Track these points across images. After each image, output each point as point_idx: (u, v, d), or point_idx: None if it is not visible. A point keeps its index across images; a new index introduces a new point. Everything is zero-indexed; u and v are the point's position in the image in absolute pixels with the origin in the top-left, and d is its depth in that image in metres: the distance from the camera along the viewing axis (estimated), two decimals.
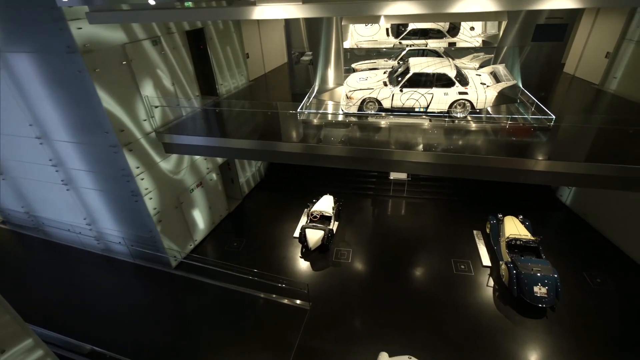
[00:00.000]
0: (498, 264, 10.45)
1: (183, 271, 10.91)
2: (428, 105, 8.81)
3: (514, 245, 10.17)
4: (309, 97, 10.27)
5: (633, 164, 6.83)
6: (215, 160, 12.41)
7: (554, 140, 8.17)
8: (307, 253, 11.50)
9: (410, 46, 12.24)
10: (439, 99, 8.70)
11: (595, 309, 9.20)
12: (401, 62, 10.73)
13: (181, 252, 11.22)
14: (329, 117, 9.80)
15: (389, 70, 10.15)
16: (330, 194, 13.10)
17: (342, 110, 9.54)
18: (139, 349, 8.58)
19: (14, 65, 8.14)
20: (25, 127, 9.31)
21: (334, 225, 12.13)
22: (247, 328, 9.04)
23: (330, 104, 10.48)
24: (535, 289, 8.83)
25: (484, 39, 12.65)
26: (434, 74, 8.66)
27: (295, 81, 12.65)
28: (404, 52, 11.62)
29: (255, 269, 9.90)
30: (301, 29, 11.62)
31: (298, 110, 9.39)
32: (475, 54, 11.63)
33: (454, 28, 13.09)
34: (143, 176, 9.34)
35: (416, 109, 8.92)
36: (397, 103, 8.91)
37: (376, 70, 10.48)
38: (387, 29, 13.53)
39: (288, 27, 11.89)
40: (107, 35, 7.77)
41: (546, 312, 9.07)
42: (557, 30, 9.87)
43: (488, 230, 11.87)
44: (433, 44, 12.70)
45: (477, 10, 5.29)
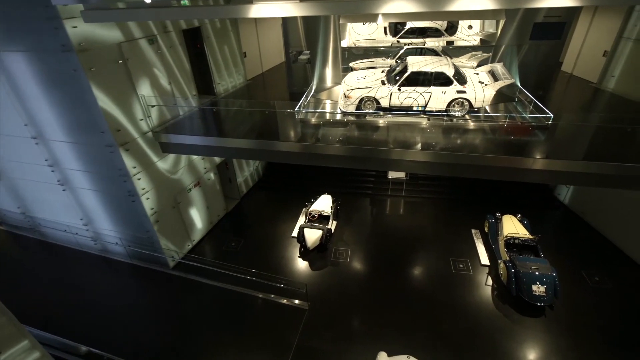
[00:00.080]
0: (497, 262, 10.45)
1: (181, 271, 10.85)
2: (426, 104, 8.80)
3: (513, 244, 10.18)
4: (307, 96, 10.23)
5: (631, 162, 6.83)
6: (213, 160, 12.35)
7: (552, 139, 8.17)
8: (305, 253, 11.48)
9: (408, 45, 12.23)
10: (437, 98, 8.69)
11: (593, 308, 9.21)
12: (399, 61, 10.71)
13: (179, 253, 11.17)
14: (327, 116, 9.78)
15: (387, 69, 10.13)
16: (328, 194, 13.08)
17: (340, 110, 9.51)
18: (137, 350, 8.53)
19: (9, 65, 8.06)
20: (21, 127, 9.23)
21: (332, 225, 12.10)
22: (245, 328, 9.01)
23: (328, 103, 10.46)
24: (534, 287, 8.84)
25: (481, 37, 12.66)
26: (432, 73, 8.65)
27: (292, 80, 12.62)
28: (401, 51, 11.62)
29: (253, 269, 9.87)
30: (299, 27, 11.58)
31: (296, 109, 9.35)
32: (473, 52, 11.64)
33: (452, 27, 13.10)
34: (140, 176, 9.28)
35: (414, 108, 8.90)
36: (395, 102, 8.89)
37: (374, 69, 10.47)
38: (385, 28, 13.53)
39: (285, 26, 11.84)
40: (102, 34, 7.71)
41: (544, 311, 9.08)
42: (555, 29, 9.88)
43: (486, 229, 11.87)
44: (431, 42, 12.70)
45: (475, 9, 5.27)
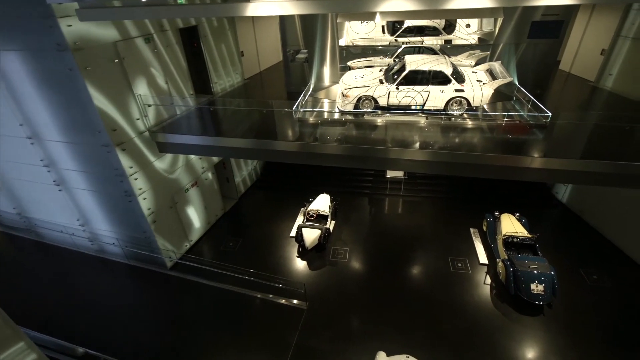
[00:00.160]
0: (495, 261, 10.45)
1: (178, 272, 10.80)
2: (424, 103, 8.77)
3: (511, 242, 10.17)
4: (305, 96, 10.19)
5: (629, 160, 6.83)
6: (211, 160, 12.29)
7: (550, 138, 8.17)
8: (303, 252, 11.44)
9: (406, 43, 12.21)
10: (435, 97, 8.66)
11: (591, 306, 9.22)
12: (397, 60, 10.68)
13: (176, 253, 11.11)
14: (325, 116, 9.74)
15: (385, 67, 10.10)
16: (326, 193, 13.05)
17: (338, 109, 9.47)
18: (135, 351, 8.48)
19: (3, 64, 7.96)
20: (16, 127, 9.15)
21: (330, 224, 12.07)
22: (244, 328, 8.97)
23: (326, 102, 10.42)
24: (532, 286, 8.84)
25: (479, 36, 12.65)
26: (430, 72, 8.62)
27: (290, 79, 12.57)
28: (400, 50, 11.59)
29: (251, 269, 9.83)
30: (296, 26, 11.54)
31: (294, 108, 9.31)
32: (471, 51, 11.63)
33: (450, 25, 13.10)
34: (137, 176, 9.22)
35: (412, 107, 8.87)
36: (394, 101, 8.86)
37: (372, 68, 10.43)
38: (383, 27, 13.52)
39: (283, 25, 11.79)
40: (98, 32, 7.64)
41: (543, 310, 9.09)
42: (553, 27, 9.88)
43: (485, 228, 11.87)
44: (429, 41, 12.69)
45: (473, 7, 5.24)
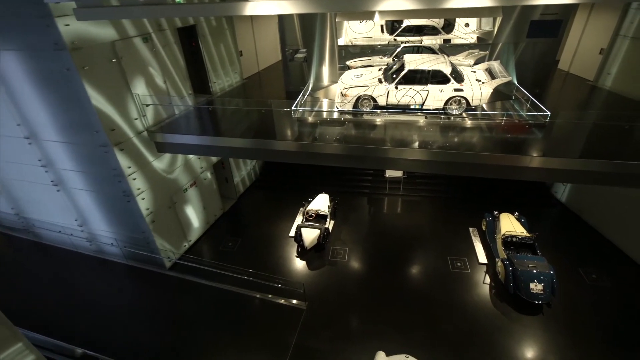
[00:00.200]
0: (494, 261, 10.45)
1: (177, 272, 10.77)
2: (423, 103, 8.76)
3: (510, 242, 10.17)
4: (304, 95, 10.17)
5: (629, 159, 6.82)
6: (209, 159, 12.26)
7: (549, 137, 8.16)
8: (303, 252, 11.42)
9: (405, 43, 12.19)
10: (435, 96, 8.65)
11: (591, 305, 9.23)
12: (396, 59, 10.66)
13: (175, 253, 11.08)
14: (324, 115, 9.71)
15: (383, 67, 10.08)
16: (325, 193, 13.02)
17: (337, 108, 9.45)
18: (133, 352, 8.45)
19: (0, 64, 7.92)
20: (13, 126, 9.10)
21: (329, 224, 12.05)
22: (243, 328, 8.95)
23: (325, 102, 10.40)
24: (532, 285, 8.84)
25: (478, 35, 12.64)
26: (429, 71, 8.61)
27: (289, 79, 12.54)
28: (398, 49, 11.57)
29: (250, 269, 9.80)
30: (295, 25, 11.50)
31: (292, 108, 9.29)
32: (470, 50, 11.63)
33: (449, 25, 13.08)
34: (135, 176, 9.18)
35: (411, 106, 8.86)
36: (393, 100, 8.84)
37: (371, 68, 10.41)
38: (382, 26, 13.49)
39: (282, 24, 11.76)
40: (96, 32, 7.60)
41: (542, 309, 9.09)
42: (552, 26, 9.86)
43: (484, 228, 11.87)
44: (428, 40, 12.67)
45: (472, 6, 5.23)
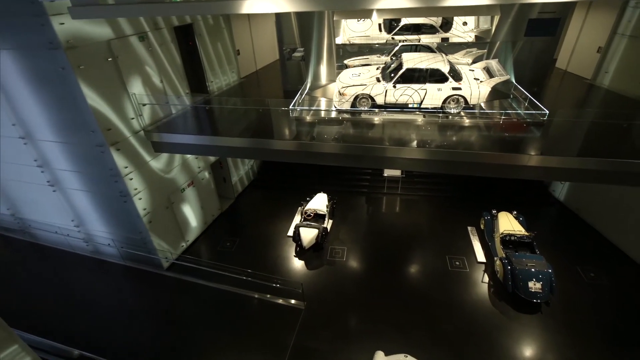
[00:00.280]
0: (493, 260, 10.46)
1: (175, 272, 10.72)
2: (421, 101, 8.74)
3: (509, 241, 10.17)
4: (301, 94, 10.13)
5: (627, 158, 6.82)
6: (207, 159, 12.21)
7: (547, 136, 8.15)
8: (301, 252, 11.39)
9: (403, 42, 12.16)
10: (433, 95, 8.63)
11: (589, 304, 9.24)
12: (394, 58, 10.63)
13: (173, 253, 11.02)
14: (322, 114, 9.68)
15: (381, 66, 10.05)
16: (324, 192, 12.98)
17: (335, 107, 9.41)
18: (131, 353, 8.40)
19: None
20: (9, 126, 9.03)
21: (328, 224, 12.02)
22: (241, 329, 8.91)
23: (323, 101, 10.36)
24: (530, 284, 8.84)
25: (476, 34, 12.61)
26: (427, 70, 8.59)
27: (287, 78, 12.48)
28: (396, 48, 11.53)
29: (249, 269, 9.76)
30: (293, 24, 11.45)
31: (290, 107, 9.25)
32: (468, 49, 11.60)
33: (447, 23, 13.05)
34: (132, 176, 9.12)
35: (409, 105, 8.84)
36: (391, 99, 8.81)
37: (369, 66, 10.38)
38: (380, 25, 13.44)
39: (279, 23, 11.70)
40: (91, 30, 7.53)
41: (541, 308, 9.09)
42: (550, 25, 9.85)
43: (482, 226, 11.87)
44: (426, 39, 12.64)
45: (470, 4, 5.20)
